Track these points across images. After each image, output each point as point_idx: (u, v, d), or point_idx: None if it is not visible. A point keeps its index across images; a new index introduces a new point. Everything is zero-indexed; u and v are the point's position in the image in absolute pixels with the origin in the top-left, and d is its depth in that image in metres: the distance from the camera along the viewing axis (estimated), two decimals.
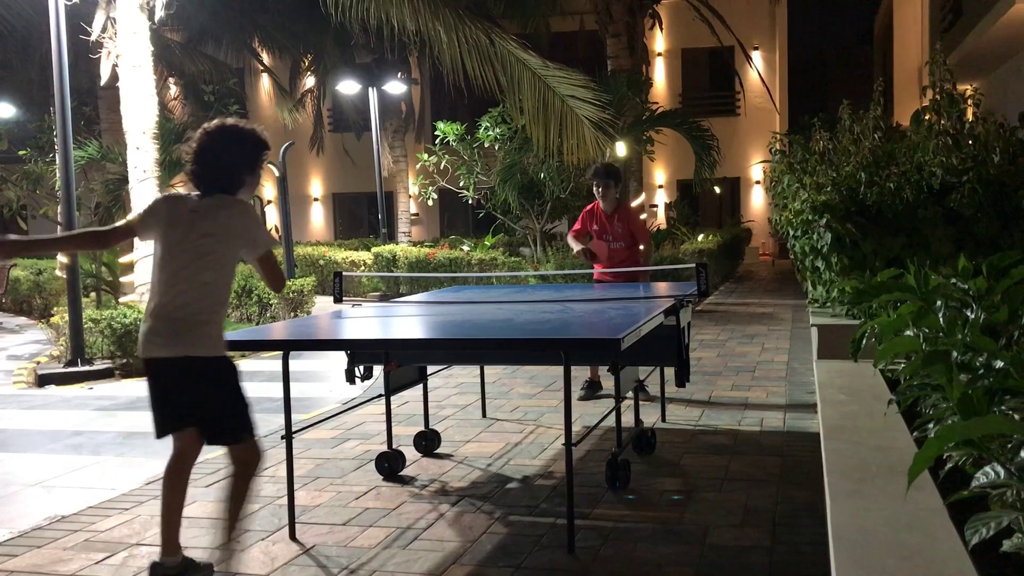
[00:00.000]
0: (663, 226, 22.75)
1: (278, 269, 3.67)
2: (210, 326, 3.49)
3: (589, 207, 7.23)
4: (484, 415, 6.47)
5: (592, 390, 7.03)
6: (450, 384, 7.69)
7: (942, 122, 5.43)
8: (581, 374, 7.45)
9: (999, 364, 2.31)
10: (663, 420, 6.07)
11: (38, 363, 9.67)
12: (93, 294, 12.17)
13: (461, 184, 15.89)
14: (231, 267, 3.57)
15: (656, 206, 26.17)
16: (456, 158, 15.70)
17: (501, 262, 15.05)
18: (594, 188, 7.14)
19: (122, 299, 11.65)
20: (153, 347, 3.47)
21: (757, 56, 24.85)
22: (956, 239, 5.05)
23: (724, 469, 4.90)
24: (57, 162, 9.60)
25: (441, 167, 15.68)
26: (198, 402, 3.51)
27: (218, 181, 3.56)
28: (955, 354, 2.47)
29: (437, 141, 15.69)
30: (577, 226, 7.21)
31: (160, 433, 3.59)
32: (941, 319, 2.78)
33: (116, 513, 4.49)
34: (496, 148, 15.17)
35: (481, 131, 15.12)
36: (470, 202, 16.29)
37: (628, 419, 5.46)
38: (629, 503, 4.40)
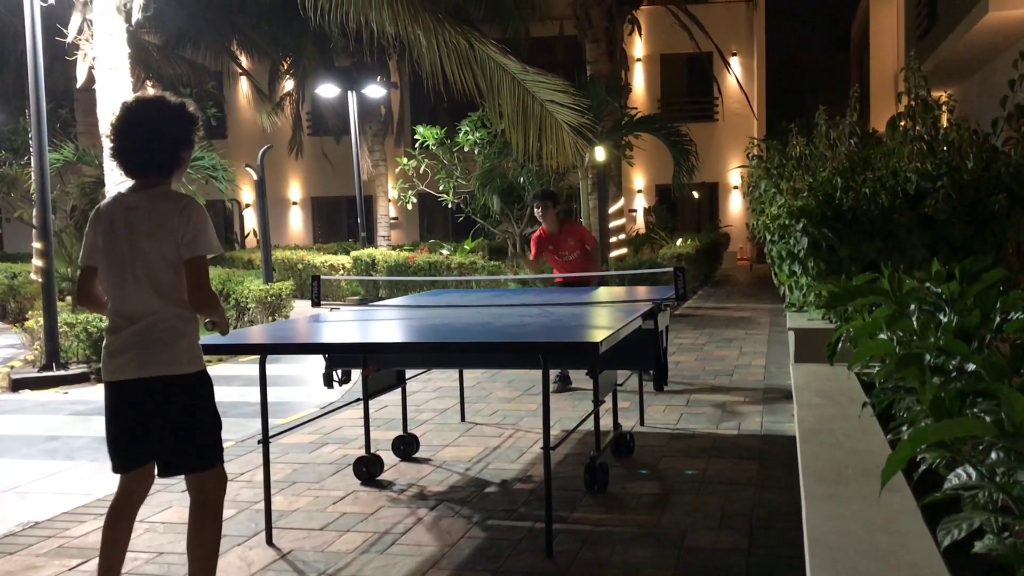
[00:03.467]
0: (642, 231, 22.83)
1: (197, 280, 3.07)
2: (185, 337, 3.09)
3: (536, 234, 7.72)
4: (463, 419, 6.46)
5: (564, 383, 7.34)
6: (429, 388, 7.68)
7: (917, 128, 5.49)
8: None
9: (971, 367, 2.34)
10: (641, 423, 6.08)
11: (12, 367, 9.56)
12: (69, 298, 12.05)
13: (441, 188, 15.88)
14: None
15: (635, 211, 26.25)
16: (435, 162, 15.71)
17: (481, 266, 15.05)
18: (535, 211, 7.60)
19: None
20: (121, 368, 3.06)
21: (735, 62, 25.01)
22: (931, 244, 5.10)
23: (702, 472, 4.92)
24: (32, 165, 9.49)
25: (420, 171, 15.68)
26: (169, 429, 3.08)
27: (152, 159, 3.11)
28: (928, 357, 2.49)
29: (417, 145, 15.69)
30: (532, 255, 7.71)
31: (123, 468, 3.18)
32: (915, 322, 2.80)
33: (90, 519, 4.45)
34: (476, 152, 15.19)
35: (461, 135, 15.13)
36: (450, 206, 16.29)
37: (607, 422, 5.47)
38: (607, 506, 4.41)
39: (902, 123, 5.59)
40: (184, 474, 3.17)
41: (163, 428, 3.08)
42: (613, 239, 16.56)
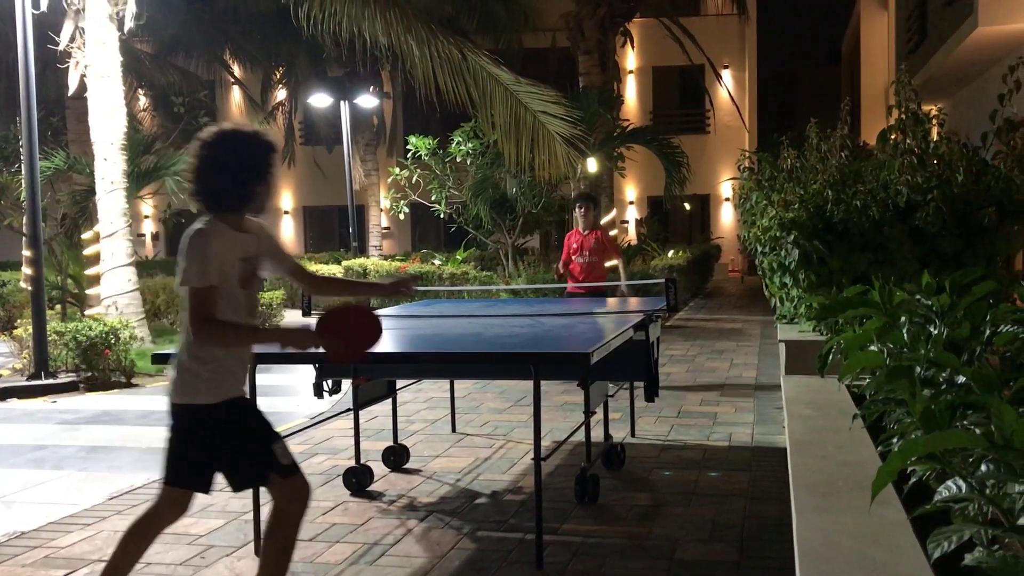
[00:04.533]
0: (634, 242, 22.87)
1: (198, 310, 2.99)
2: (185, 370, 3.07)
3: (569, 234, 8.22)
4: (454, 430, 6.44)
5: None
6: (419, 399, 7.66)
7: (907, 141, 5.52)
8: (551, 389, 7.46)
9: (961, 379, 2.34)
10: (632, 435, 6.08)
11: (0, 376, 9.50)
12: (58, 306, 12.00)
13: (433, 198, 15.88)
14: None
15: (627, 222, 26.30)
16: (428, 172, 15.70)
17: (472, 276, 15.04)
18: (576, 211, 8.11)
19: (88, 312, 11.50)
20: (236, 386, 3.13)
21: (727, 75, 25.12)
22: (921, 256, 5.12)
23: (693, 484, 4.91)
24: (23, 172, 9.46)
25: (413, 181, 15.67)
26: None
27: (226, 197, 3.02)
28: (918, 369, 2.50)
29: (409, 155, 15.68)
30: (564, 256, 8.13)
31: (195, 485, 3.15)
32: (905, 335, 2.81)
33: (77, 529, 4.42)
34: (468, 163, 15.19)
35: (453, 146, 15.13)
36: (442, 216, 16.28)
37: (598, 434, 5.47)
38: (598, 518, 4.40)
39: (893, 136, 5.62)
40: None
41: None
42: None
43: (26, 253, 9.64)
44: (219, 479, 3.14)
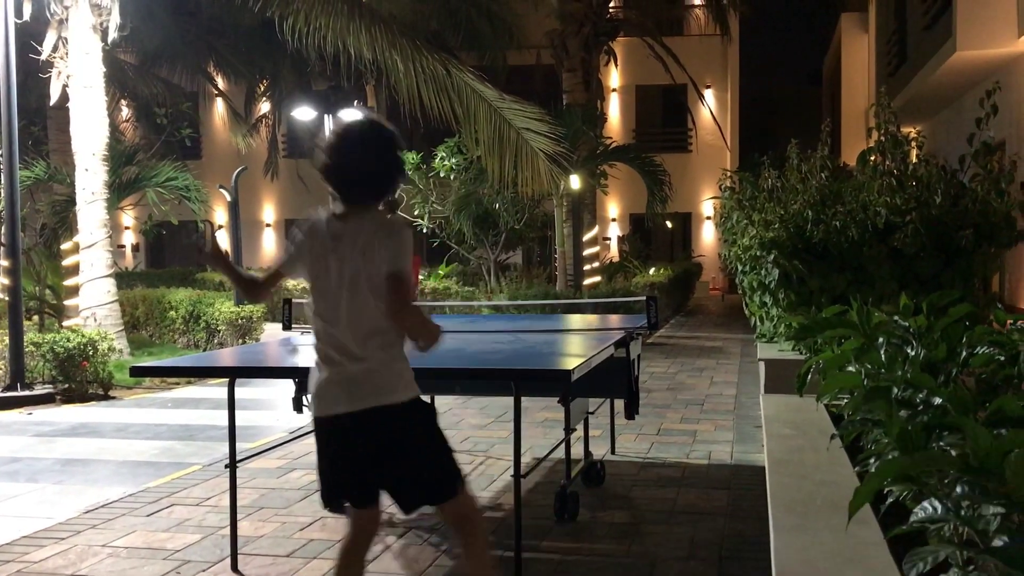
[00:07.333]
0: (615, 259, 22.93)
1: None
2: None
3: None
4: None
5: None
6: None
7: (887, 163, 5.58)
8: (532, 405, 7.45)
9: (937, 401, 2.36)
10: (612, 452, 6.08)
11: None
12: (36, 317, 11.89)
13: (416, 213, 15.89)
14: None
15: (609, 239, 26.38)
16: (411, 187, 15.71)
17: (455, 291, 15.03)
18: None
19: (66, 323, 11.40)
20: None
21: (709, 94, 25.31)
22: (899, 277, 5.16)
23: (672, 502, 4.92)
24: (2, 182, 9.39)
25: (396, 196, 15.67)
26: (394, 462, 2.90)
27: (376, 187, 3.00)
28: (895, 390, 2.52)
29: None
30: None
31: (327, 502, 3.12)
32: (883, 355, 2.84)
33: (51, 543, 4.36)
34: (451, 178, 15.22)
35: (437, 161, 15.16)
36: (425, 231, 16.29)
37: (578, 451, 5.46)
38: (577, 536, 4.39)
39: (872, 158, 5.68)
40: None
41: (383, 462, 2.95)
42: (587, 267, 16.62)
43: (4, 263, 9.56)
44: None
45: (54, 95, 11.47)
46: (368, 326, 2.83)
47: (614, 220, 27.08)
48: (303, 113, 20.52)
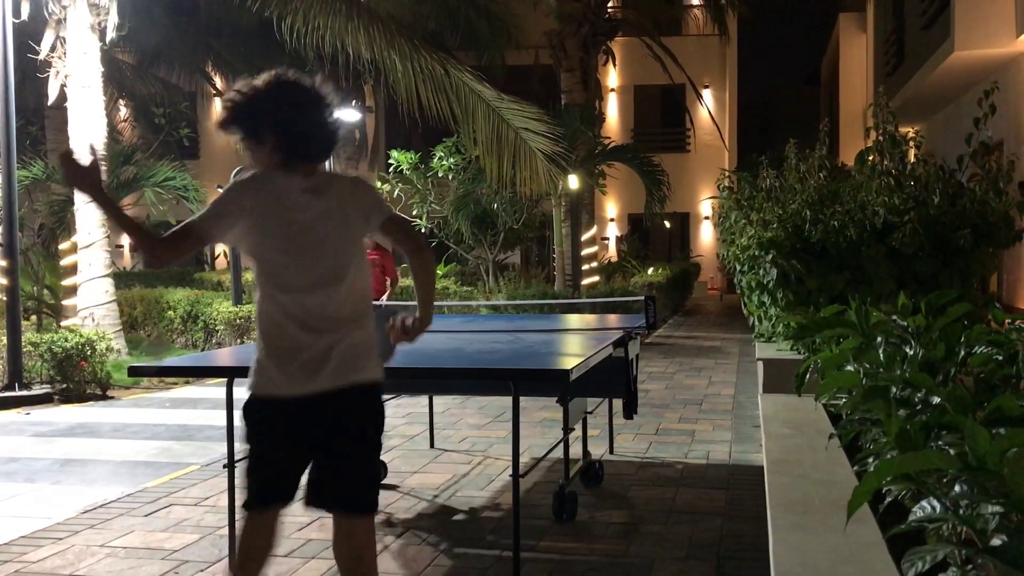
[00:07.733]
0: (614, 259, 22.95)
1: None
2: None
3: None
4: (432, 445, 6.42)
5: None
6: (398, 414, 7.62)
7: (885, 163, 5.58)
8: (530, 405, 7.45)
9: (936, 400, 2.36)
10: (611, 452, 6.08)
11: None
12: (34, 317, 11.88)
13: (414, 213, 15.88)
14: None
15: (607, 239, 26.39)
16: (410, 187, 15.71)
17: (453, 291, 15.03)
18: None
19: (64, 323, 11.39)
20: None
21: (708, 94, 25.32)
22: (898, 277, 5.17)
23: (670, 502, 4.91)
24: (0, 181, 9.38)
25: (395, 195, 15.66)
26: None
27: (326, 147, 2.87)
28: (894, 390, 2.52)
29: (391, 169, 15.69)
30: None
31: (259, 503, 2.77)
32: (881, 355, 2.83)
33: (49, 543, 4.36)
34: (450, 178, 15.22)
35: (435, 161, 15.16)
36: (423, 231, 16.28)
37: (576, 450, 5.46)
38: (576, 535, 4.39)
39: (870, 158, 5.68)
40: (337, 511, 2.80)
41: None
42: (585, 267, 16.63)
43: (1, 263, 9.55)
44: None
45: (52, 95, 11.45)
46: (356, 293, 2.68)
47: (612, 220, 27.09)
48: None
